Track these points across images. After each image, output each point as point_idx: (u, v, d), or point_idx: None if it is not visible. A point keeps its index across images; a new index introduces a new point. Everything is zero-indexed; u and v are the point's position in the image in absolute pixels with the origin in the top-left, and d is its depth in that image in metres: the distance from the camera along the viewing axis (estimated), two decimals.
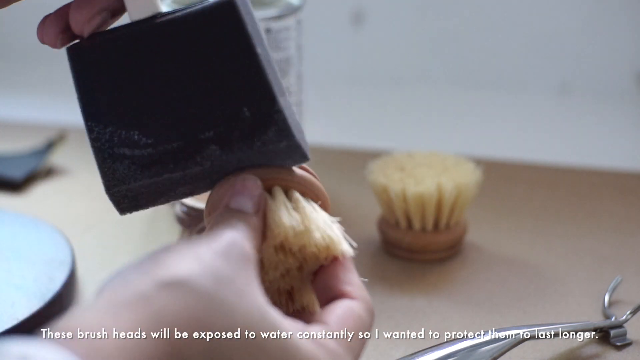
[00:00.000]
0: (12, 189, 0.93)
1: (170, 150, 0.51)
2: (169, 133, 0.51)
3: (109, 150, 0.52)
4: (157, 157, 0.51)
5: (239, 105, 0.50)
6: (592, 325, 0.67)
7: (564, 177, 0.94)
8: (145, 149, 0.52)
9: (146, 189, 0.52)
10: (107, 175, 0.53)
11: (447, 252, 0.79)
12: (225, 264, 0.43)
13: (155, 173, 0.52)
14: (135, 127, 0.52)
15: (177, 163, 0.51)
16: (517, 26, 1.19)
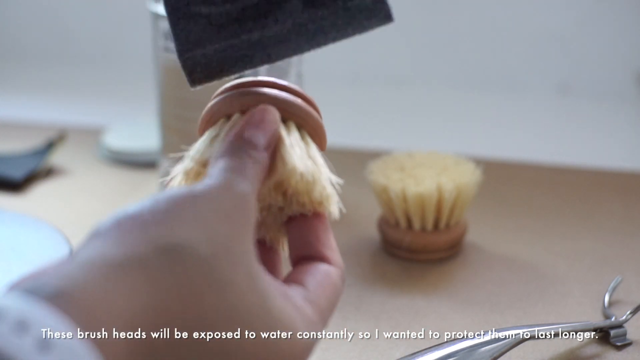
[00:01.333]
0: (12, 189, 0.93)
1: (250, 6, 0.49)
2: None
3: (184, 9, 0.49)
4: (235, 15, 0.49)
5: None
6: (592, 325, 0.67)
7: (564, 177, 0.95)
8: (223, 5, 0.49)
9: (221, 53, 0.49)
10: (180, 38, 0.49)
11: (447, 252, 0.79)
12: (226, 228, 0.43)
13: (233, 34, 0.49)
14: None
15: (256, 21, 0.48)
16: (517, 26, 1.19)
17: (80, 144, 1.02)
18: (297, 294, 0.46)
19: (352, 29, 0.50)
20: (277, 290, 0.44)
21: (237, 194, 0.44)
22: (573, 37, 1.18)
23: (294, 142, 0.49)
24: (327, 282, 0.47)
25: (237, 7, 0.49)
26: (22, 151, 0.99)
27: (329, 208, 0.50)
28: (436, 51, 1.22)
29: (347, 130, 1.10)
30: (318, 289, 0.47)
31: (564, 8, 1.17)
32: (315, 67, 1.08)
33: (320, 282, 0.47)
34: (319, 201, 0.49)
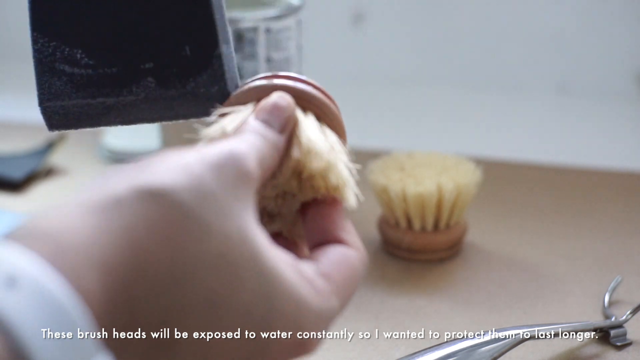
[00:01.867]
0: (12, 189, 0.93)
1: (109, 74, 0.53)
2: (111, 57, 0.53)
3: (49, 64, 0.53)
4: (95, 79, 0.53)
5: (182, 43, 0.52)
6: (592, 325, 0.67)
7: (564, 177, 0.95)
8: (85, 69, 0.53)
9: (78, 109, 0.53)
10: (43, 88, 0.53)
11: (447, 252, 0.79)
12: (214, 178, 0.41)
13: (90, 95, 0.53)
14: (80, 45, 0.53)
15: (113, 88, 0.53)
16: (517, 26, 1.19)
17: (80, 144, 1.02)
18: (308, 268, 0.44)
19: (198, 112, 0.53)
20: (278, 256, 0.42)
21: (229, 151, 0.42)
22: (573, 37, 1.18)
23: (312, 127, 0.50)
24: (343, 261, 0.45)
25: (98, 72, 0.53)
26: (22, 151, 0.99)
27: (345, 194, 0.49)
28: (436, 51, 1.22)
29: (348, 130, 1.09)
30: (332, 265, 0.44)
31: (564, 8, 1.17)
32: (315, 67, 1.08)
33: (335, 261, 0.45)
34: (335, 186, 0.49)
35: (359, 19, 1.23)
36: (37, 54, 0.53)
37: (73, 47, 0.53)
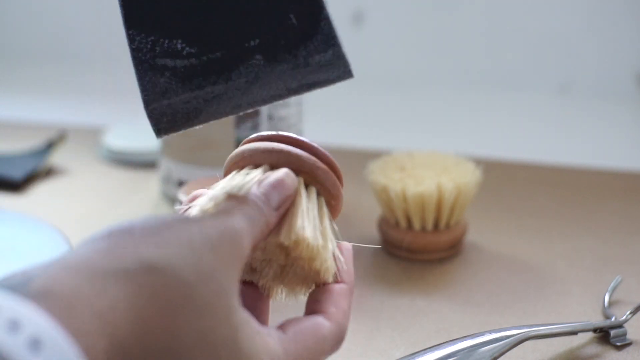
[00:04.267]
0: (12, 189, 0.93)
1: (214, 59, 0.50)
2: (214, 41, 0.50)
3: (150, 62, 0.50)
4: (199, 68, 0.50)
5: (285, 12, 0.50)
6: (592, 325, 0.67)
7: (564, 177, 0.95)
8: (188, 58, 0.50)
9: (186, 104, 0.51)
10: (147, 89, 0.51)
11: (447, 252, 0.79)
12: (213, 259, 0.44)
13: (198, 85, 0.50)
14: (179, 35, 0.50)
15: (220, 74, 0.50)
16: (518, 26, 1.19)
17: (80, 144, 1.02)
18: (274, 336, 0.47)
19: (312, 84, 0.51)
20: (251, 328, 0.46)
21: (229, 229, 0.46)
22: (574, 38, 1.18)
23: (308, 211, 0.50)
24: (311, 332, 0.49)
25: (202, 60, 0.50)
26: (22, 151, 0.99)
27: (325, 279, 0.51)
28: (436, 51, 1.22)
29: (347, 130, 1.10)
30: (297, 335, 0.48)
31: (564, 8, 1.17)
32: None
33: (302, 331, 0.49)
34: (317, 270, 0.50)
35: (359, 19, 1.23)
36: (136, 53, 0.51)
37: (172, 38, 0.50)
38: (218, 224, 0.45)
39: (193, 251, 0.43)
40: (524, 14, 1.19)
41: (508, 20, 1.19)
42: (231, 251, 0.45)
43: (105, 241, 0.43)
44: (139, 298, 0.41)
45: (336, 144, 1.03)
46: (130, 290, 0.41)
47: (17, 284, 0.39)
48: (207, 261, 0.44)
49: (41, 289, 0.39)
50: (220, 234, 0.45)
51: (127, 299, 0.41)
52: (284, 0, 0.50)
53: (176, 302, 0.42)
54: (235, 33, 0.50)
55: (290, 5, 0.50)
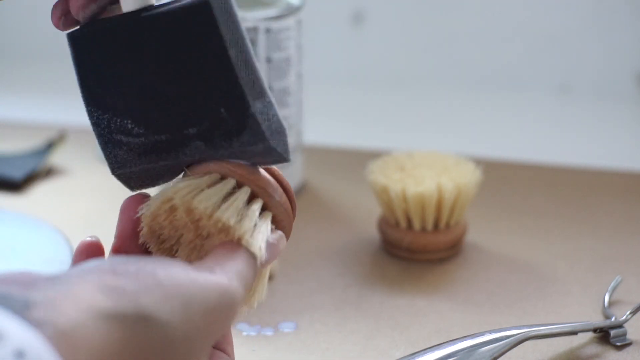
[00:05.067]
0: (12, 189, 0.93)
1: (160, 141, 0.53)
2: (158, 125, 0.53)
3: (108, 136, 0.54)
4: (149, 147, 0.53)
5: (217, 105, 0.52)
6: (592, 325, 0.67)
7: (564, 177, 0.94)
8: (138, 137, 0.53)
9: (147, 172, 0.54)
10: (110, 158, 0.55)
11: (447, 252, 0.79)
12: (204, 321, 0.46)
13: (152, 160, 0.54)
14: (128, 116, 0.53)
15: (168, 153, 0.53)
16: (517, 26, 1.19)
17: (80, 144, 1.02)
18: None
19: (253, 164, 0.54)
20: None
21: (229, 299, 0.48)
22: (573, 37, 1.18)
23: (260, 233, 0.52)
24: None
25: (150, 140, 0.53)
26: (22, 151, 0.99)
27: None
28: (436, 51, 1.22)
29: (347, 130, 1.10)
30: None
31: (564, 8, 1.17)
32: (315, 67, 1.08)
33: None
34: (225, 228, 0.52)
35: (359, 19, 1.23)
36: (96, 127, 0.55)
37: (123, 118, 0.54)
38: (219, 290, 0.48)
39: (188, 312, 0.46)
40: (524, 14, 1.19)
41: (508, 20, 1.19)
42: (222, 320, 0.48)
43: (110, 278, 0.44)
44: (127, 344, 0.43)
45: (336, 144, 1.03)
46: (124, 334, 0.43)
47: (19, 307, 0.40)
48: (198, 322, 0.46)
49: (46, 318, 0.40)
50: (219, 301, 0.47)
51: (120, 342, 0.43)
52: (213, 95, 0.52)
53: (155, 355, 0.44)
54: (175, 120, 0.53)
55: (219, 100, 0.52)
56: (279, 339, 0.69)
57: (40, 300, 0.41)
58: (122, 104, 0.53)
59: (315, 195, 0.91)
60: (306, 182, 0.92)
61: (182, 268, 0.47)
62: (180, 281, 0.46)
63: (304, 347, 0.68)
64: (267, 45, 0.84)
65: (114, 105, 0.54)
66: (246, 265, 0.50)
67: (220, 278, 0.48)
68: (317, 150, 0.99)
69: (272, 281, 0.76)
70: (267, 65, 0.85)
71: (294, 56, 0.87)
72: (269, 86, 0.85)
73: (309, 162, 0.94)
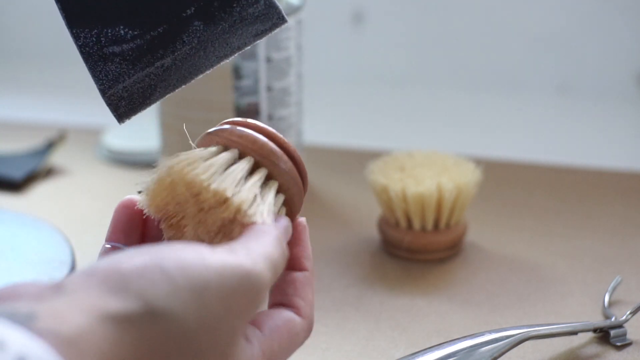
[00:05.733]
0: (12, 189, 0.93)
1: (157, 36, 0.53)
2: (153, 18, 0.53)
3: (98, 53, 0.53)
4: (145, 47, 0.53)
5: None
6: (592, 325, 0.67)
7: (564, 177, 0.95)
8: (133, 41, 0.53)
9: (140, 83, 0.53)
10: (100, 78, 0.53)
11: (447, 252, 0.79)
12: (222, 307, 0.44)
13: (147, 63, 0.53)
14: (120, 21, 0.53)
15: (165, 47, 0.53)
16: (517, 26, 1.19)
17: (80, 144, 1.02)
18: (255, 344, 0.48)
19: (251, 37, 0.54)
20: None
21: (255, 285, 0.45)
22: (573, 37, 1.18)
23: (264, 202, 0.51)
24: (285, 328, 0.50)
25: (146, 39, 0.53)
26: (22, 151, 0.99)
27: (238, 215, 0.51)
28: (436, 51, 1.22)
29: (347, 130, 1.10)
30: (273, 333, 0.49)
31: (564, 8, 1.17)
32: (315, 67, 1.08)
33: (277, 328, 0.49)
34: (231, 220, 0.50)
35: (359, 19, 1.23)
36: (84, 49, 0.53)
37: (115, 26, 0.53)
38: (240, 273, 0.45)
39: (203, 300, 0.43)
40: (524, 14, 1.19)
41: (508, 20, 1.19)
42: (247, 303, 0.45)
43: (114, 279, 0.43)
44: (139, 343, 0.42)
45: (336, 144, 1.03)
46: (132, 335, 0.42)
47: (23, 319, 0.39)
48: (215, 312, 0.44)
49: (49, 327, 0.39)
50: (241, 284, 0.45)
51: (129, 342, 0.41)
52: None
53: (172, 350, 0.42)
54: (171, 6, 0.53)
55: None
56: None
57: (44, 311, 0.40)
58: (112, 11, 0.53)
59: (315, 195, 0.91)
60: None
61: (195, 253, 0.45)
62: (191, 269, 0.44)
63: (304, 347, 0.68)
64: (267, 45, 0.84)
65: (102, 17, 0.53)
66: (275, 249, 0.48)
67: (242, 259, 0.45)
68: (317, 150, 0.99)
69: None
70: (267, 65, 0.85)
71: (294, 56, 0.87)
72: (269, 86, 0.85)
73: (309, 162, 0.94)
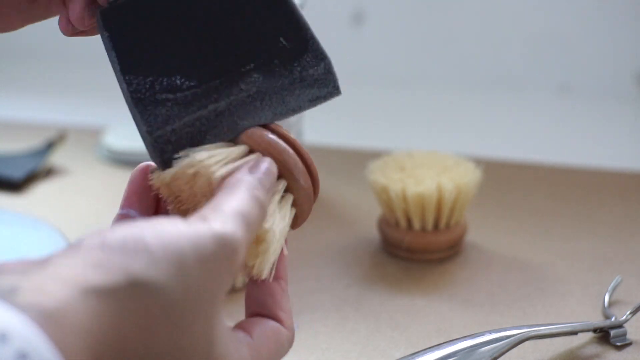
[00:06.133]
0: (12, 189, 0.93)
1: (214, 86, 0.52)
2: (212, 72, 0.52)
3: (150, 98, 0.52)
4: (200, 93, 0.52)
5: (275, 36, 0.53)
6: (592, 325, 0.67)
7: (564, 177, 0.95)
8: (188, 90, 0.52)
9: (190, 127, 0.51)
10: (149, 121, 0.52)
11: (447, 252, 0.79)
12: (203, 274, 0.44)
13: (201, 106, 0.51)
14: (177, 72, 0.52)
15: (221, 93, 0.52)
16: (517, 26, 1.19)
17: (80, 144, 1.02)
18: (244, 343, 0.49)
19: (307, 101, 0.54)
20: (229, 340, 0.47)
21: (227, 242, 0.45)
22: (573, 37, 1.18)
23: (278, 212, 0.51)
24: (273, 337, 0.50)
25: (202, 89, 0.52)
26: (22, 151, 0.99)
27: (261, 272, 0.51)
28: (436, 51, 1.22)
29: (347, 130, 1.10)
30: (262, 339, 0.50)
31: (564, 8, 1.17)
32: None
33: (266, 335, 0.50)
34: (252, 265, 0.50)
35: (359, 19, 1.23)
36: (135, 94, 0.52)
37: (171, 75, 0.52)
38: (213, 237, 0.44)
39: (182, 269, 0.43)
40: (524, 14, 1.19)
41: (508, 20, 1.19)
42: (225, 267, 0.45)
43: (97, 253, 0.43)
44: (122, 315, 0.42)
45: (336, 144, 1.03)
46: (115, 308, 0.41)
47: (5, 292, 0.39)
48: (196, 279, 0.43)
49: (31, 301, 0.39)
50: (216, 248, 0.44)
51: (112, 315, 0.41)
52: (272, 26, 0.53)
53: (157, 321, 0.42)
54: (231, 61, 0.52)
55: (278, 30, 0.53)
56: None
57: (26, 285, 0.40)
58: (170, 62, 0.53)
59: None
60: None
61: (171, 224, 0.44)
62: (169, 239, 0.43)
63: (304, 347, 0.68)
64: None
65: (159, 66, 0.52)
66: (248, 203, 0.47)
67: (213, 224, 0.45)
68: (317, 150, 0.99)
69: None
70: None
71: None
72: None
73: None
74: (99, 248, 0.43)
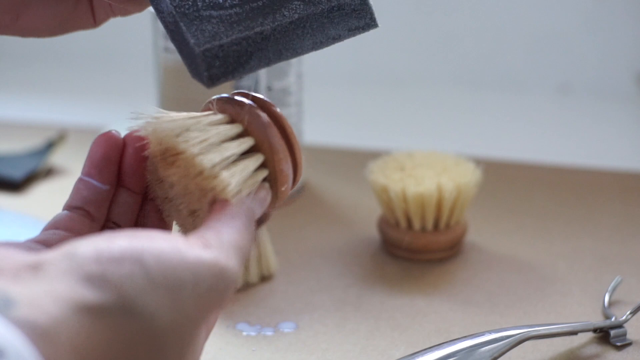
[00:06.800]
0: (12, 189, 0.93)
1: (256, 7, 0.52)
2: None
3: (194, 14, 0.51)
4: (244, 15, 0.51)
5: None
6: (592, 325, 0.67)
7: (564, 177, 0.95)
8: (231, 9, 0.52)
9: (237, 46, 0.51)
10: (196, 35, 0.51)
11: (447, 252, 0.79)
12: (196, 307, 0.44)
13: (246, 27, 0.51)
14: None
15: (265, 16, 0.52)
16: (517, 26, 1.19)
17: (80, 144, 1.02)
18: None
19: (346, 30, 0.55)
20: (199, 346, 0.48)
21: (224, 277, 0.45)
22: (573, 37, 1.18)
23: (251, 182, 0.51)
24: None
25: (245, 9, 0.52)
26: (22, 151, 0.99)
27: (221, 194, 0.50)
28: (436, 51, 1.22)
29: (347, 130, 1.10)
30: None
31: (564, 8, 1.17)
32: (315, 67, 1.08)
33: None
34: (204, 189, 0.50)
35: None
36: (179, 8, 0.51)
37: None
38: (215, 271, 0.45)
39: (177, 300, 0.43)
40: (524, 14, 1.19)
41: (508, 20, 1.19)
42: (217, 300, 0.45)
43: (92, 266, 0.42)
44: (112, 336, 0.42)
45: (336, 144, 1.03)
46: (105, 326, 0.42)
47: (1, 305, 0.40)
48: (187, 311, 0.44)
49: (27, 317, 0.40)
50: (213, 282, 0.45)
51: (101, 333, 0.41)
52: None
53: (141, 342, 0.43)
54: None
55: None
56: (279, 339, 0.69)
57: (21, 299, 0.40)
58: None
59: (315, 195, 0.91)
60: (306, 182, 0.92)
61: (172, 246, 0.44)
62: (169, 264, 0.43)
63: (304, 347, 0.68)
64: None
65: None
66: (246, 237, 0.48)
67: (217, 255, 0.45)
68: (317, 150, 0.99)
69: (272, 281, 0.76)
70: None
71: None
72: (269, 86, 0.85)
73: (309, 162, 0.94)
74: (94, 260, 0.42)
